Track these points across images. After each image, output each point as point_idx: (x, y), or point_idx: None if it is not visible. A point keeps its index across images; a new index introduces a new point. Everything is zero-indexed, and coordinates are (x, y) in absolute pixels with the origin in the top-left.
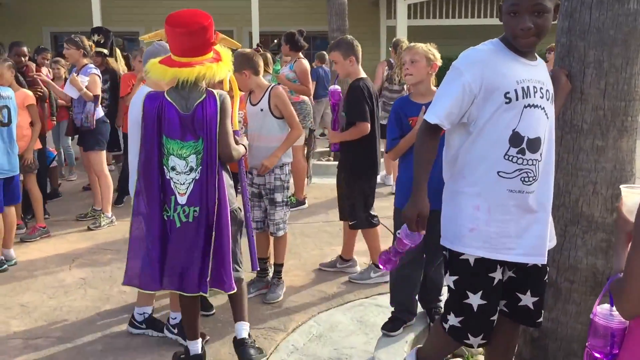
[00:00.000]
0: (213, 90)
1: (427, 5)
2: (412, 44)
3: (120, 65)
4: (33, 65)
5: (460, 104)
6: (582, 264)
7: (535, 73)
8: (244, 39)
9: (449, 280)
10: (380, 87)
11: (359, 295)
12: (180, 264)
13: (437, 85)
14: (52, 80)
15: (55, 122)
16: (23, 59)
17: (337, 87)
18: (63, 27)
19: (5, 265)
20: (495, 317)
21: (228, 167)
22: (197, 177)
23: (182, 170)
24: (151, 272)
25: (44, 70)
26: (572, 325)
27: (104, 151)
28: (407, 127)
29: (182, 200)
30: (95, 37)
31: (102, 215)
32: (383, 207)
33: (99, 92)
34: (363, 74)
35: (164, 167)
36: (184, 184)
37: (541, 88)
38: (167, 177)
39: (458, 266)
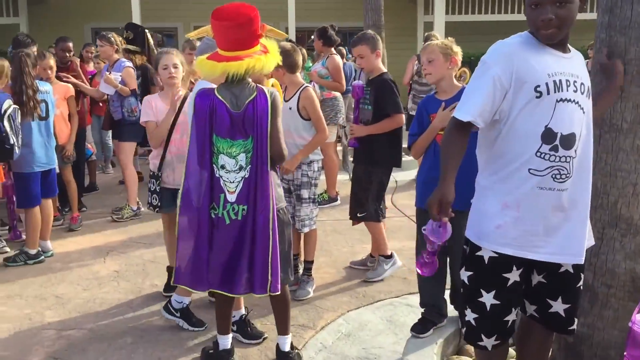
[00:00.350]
0: (264, 87)
1: (466, 1)
2: (427, 43)
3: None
4: (77, 61)
5: (492, 99)
6: (620, 268)
7: (569, 66)
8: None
9: (464, 275)
10: (409, 81)
11: (389, 294)
12: (227, 262)
13: None
14: (95, 74)
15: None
16: (68, 54)
17: (360, 82)
18: (103, 23)
19: (42, 257)
20: (510, 319)
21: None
22: (246, 176)
23: (231, 169)
24: (199, 271)
25: (91, 65)
26: (608, 332)
27: (134, 144)
28: (428, 124)
29: (231, 198)
30: (125, 34)
31: (127, 207)
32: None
33: (135, 85)
34: (384, 69)
35: (214, 165)
36: (233, 182)
37: (575, 81)
38: (217, 176)
39: (473, 262)
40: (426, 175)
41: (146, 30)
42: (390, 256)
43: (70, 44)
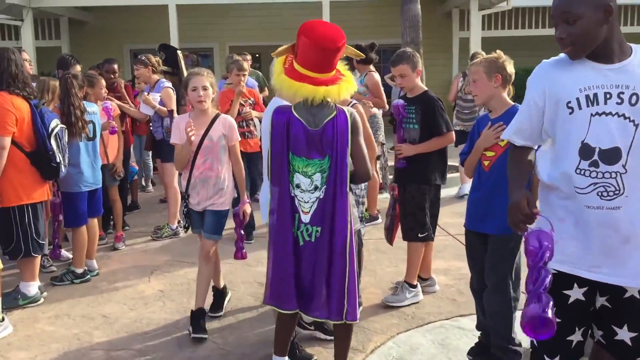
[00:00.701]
0: (343, 107)
1: (502, 16)
2: (471, 62)
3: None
4: (122, 82)
5: (530, 118)
6: None
7: (614, 77)
8: None
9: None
10: (454, 98)
11: (439, 316)
12: (303, 284)
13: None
14: (137, 95)
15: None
16: (113, 75)
17: (401, 101)
18: (141, 44)
19: (89, 276)
20: (574, 339)
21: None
22: (321, 196)
23: (306, 189)
24: (287, 290)
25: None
26: None
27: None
28: None
29: (305, 218)
30: (157, 55)
31: (166, 226)
32: (459, 222)
33: (173, 105)
34: (425, 87)
35: (289, 183)
36: (307, 202)
37: (621, 93)
38: (292, 195)
39: None
40: (471, 195)
41: (178, 51)
42: (415, 286)
43: (116, 66)
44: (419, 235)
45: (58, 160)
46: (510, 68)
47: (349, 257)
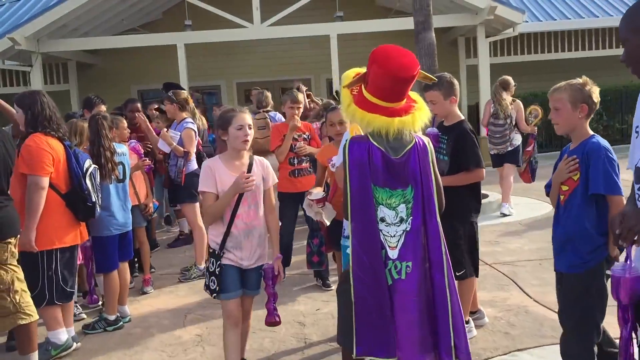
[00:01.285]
0: (423, 136)
1: (508, 42)
2: (555, 86)
3: (200, 121)
4: (145, 119)
5: (633, 146)
6: None
7: None
8: (321, 86)
9: None
10: (486, 123)
11: (496, 351)
12: (399, 327)
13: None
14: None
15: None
16: (137, 114)
17: (435, 130)
18: (150, 84)
19: (121, 322)
20: None
21: None
22: (408, 229)
23: (391, 222)
24: (386, 336)
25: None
26: None
27: (197, 203)
28: None
29: (393, 254)
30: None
31: (194, 267)
32: (495, 251)
33: (190, 147)
34: (461, 115)
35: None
36: (394, 236)
37: None
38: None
39: None
40: (555, 234)
41: (184, 90)
42: (468, 322)
43: (139, 105)
44: (457, 274)
45: (94, 199)
46: (597, 96)
47: (450, 290)
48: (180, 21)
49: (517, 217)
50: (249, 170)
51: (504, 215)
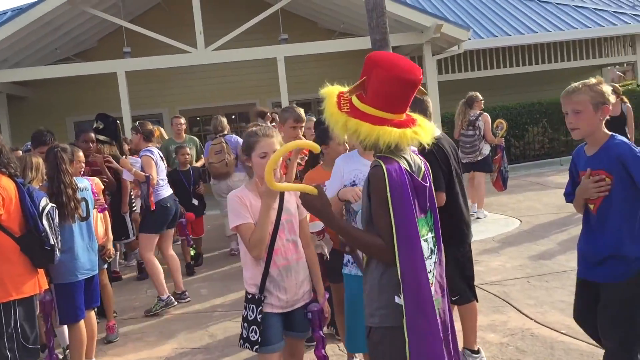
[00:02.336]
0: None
1: (452, 60)
2: (571, 88)
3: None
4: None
5: None
6: None
7: None
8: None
9: None
10: (459, 135)
11: None
12: None
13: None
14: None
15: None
16: (91, 144)
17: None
18: (86, 115)
19: None
20: None
21: None
22: (436, 261)
23: (426, 255)
24: None
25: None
26: None
27: (154, 235)
28: (577, 183)
29: (432, 292)
30: (95, 124)
31: (157, 300)
32: (478, 271)
33: (151, 172)
34: (437, 132)
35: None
36: (430, 272)
37: None
38: None
39: None
40: (581, 243)
41: (117, 121)
42: (478, 352)
43: (93, 135)
44: (452, 298)
45: (52, 242)
46: (613, 97)
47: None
48: (118, 48)
49: (489, 233)
50: (281, 198)
51: (479, 218)
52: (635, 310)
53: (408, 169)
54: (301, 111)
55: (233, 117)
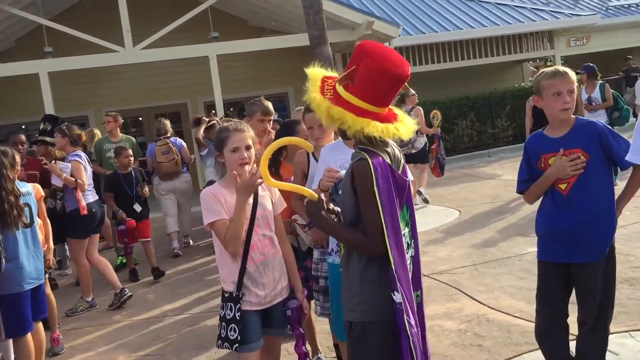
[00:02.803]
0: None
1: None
2: (559, 71)
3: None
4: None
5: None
6: None
7: None
8: (199, 110)
9: None
10: None
11: None
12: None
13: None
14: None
15: None
16: (21, 147)
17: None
18: (9, 119)
19: None
20: None
21: None
22: (413, 254)
23: (405, 249)
24: None
25: None
26: None
27: (83, 240)
28: (537, 170)
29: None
30: (42, 125)
31: (81, 300)
32: (427, 261)
33: (82, 177)
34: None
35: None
36: (408, 265)
37: None
38: None
39: None
40: (546, 228)
41: (66, 123)
42: None
43: (23, 136)
44: None
45: None
46: None
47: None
48: (39, 48)
49: (432, 225)
50: (255, 193)
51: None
52: (609, 283)
53: (389, 163)
54: (269, 104)
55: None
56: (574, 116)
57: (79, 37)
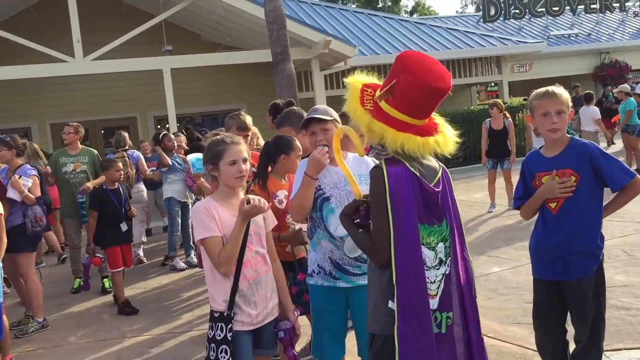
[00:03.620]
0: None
1: (337, 76)
2: (550, 91)
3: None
4: None
5: None
6: None
7: None
8: (149, 124)
9: None
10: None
11: None
12: None
13: None
14: None
15: None
16: None
17: None
18: None
19: None
20: None
21: None
22: (447, 272)
23: (432, 264)
24: None
25: None
26: None
27: (32, 254)
28: (531, 187)
29: (433, 303)
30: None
31: (31, 320)
32: None
33: (39, 192)
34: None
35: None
36: (434, 282)
37: None
38: None
39: None
40: (539, 243)
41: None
42: None
43: None
44: None
45: None
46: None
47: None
48: None
49: None
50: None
51: None
52: (600, 299)
53: (417, 173)
54: (246, 119)
55: (103, 131)
56: (568, 136)
57: (25, 46)
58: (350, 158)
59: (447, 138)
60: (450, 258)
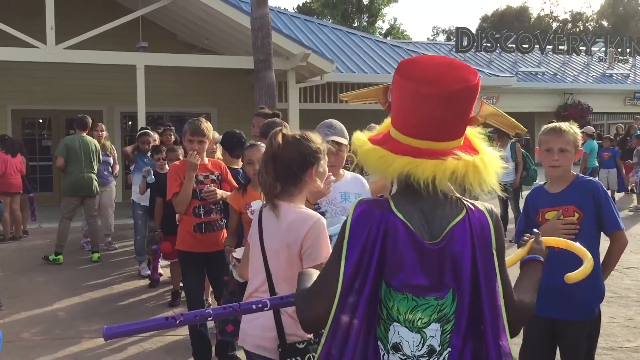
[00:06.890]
0: (477, 203)
1: (311, 90)
2: (556, 128)
3: None
4: None
5: None
6: None
7: None
8: (114, 119)
9: None
10: None
11: None
12: None
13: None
14: None
15: None
16: None
17: None
18: None
19: None
20: None
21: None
22: None
23: (412, 352)
24: None
25: None
26: None
27: None
28: (534, 222)
29: None
30: None
31: None
32: None
33: None
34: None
35: (378, 342)
36: None
37: None
38: None
39: None
40: (542, 281)
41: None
42: None
43: None
44: None
45: None
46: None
47: None
48: None
49: None
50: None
51: None
52: (593, 342)
53: (408, 222)
54: (203, 124)
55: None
56: (574, 173)
57: None
58: (348, 176)
59: (478, 167)
60: (450, 350)
